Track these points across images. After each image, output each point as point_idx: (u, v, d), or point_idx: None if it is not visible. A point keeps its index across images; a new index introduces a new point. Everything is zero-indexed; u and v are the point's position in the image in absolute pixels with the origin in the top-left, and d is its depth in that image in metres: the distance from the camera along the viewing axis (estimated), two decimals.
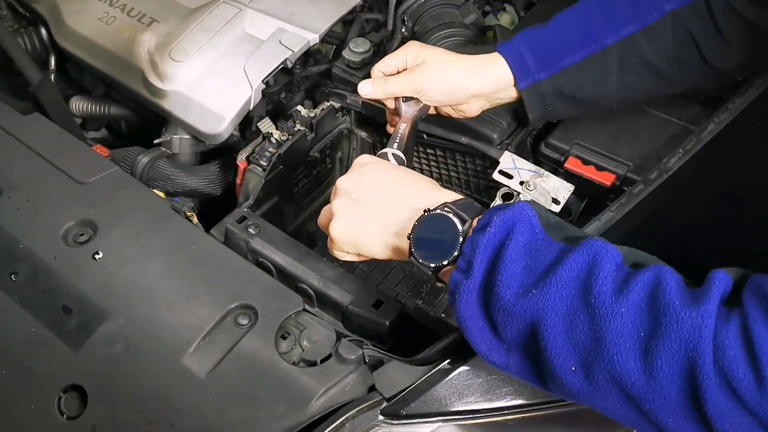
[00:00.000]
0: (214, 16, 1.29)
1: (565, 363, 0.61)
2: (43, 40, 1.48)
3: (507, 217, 0.66)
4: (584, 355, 0.60)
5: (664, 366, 0.55)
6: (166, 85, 1.25)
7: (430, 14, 1.31)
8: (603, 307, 0.58)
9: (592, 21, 0.97)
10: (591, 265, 0.61)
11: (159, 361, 0.89)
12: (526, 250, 0.64)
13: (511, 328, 0.64)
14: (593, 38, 0.96)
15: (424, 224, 0.71)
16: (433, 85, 0.99)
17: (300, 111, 1.26)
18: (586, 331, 0.59)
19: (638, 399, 0.58)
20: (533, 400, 0.81)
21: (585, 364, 0.60)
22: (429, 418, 0.81)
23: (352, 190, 0.79)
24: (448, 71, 0.99)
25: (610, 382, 0.59)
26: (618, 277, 0.60)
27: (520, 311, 0.63)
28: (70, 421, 0.87)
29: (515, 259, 0.64)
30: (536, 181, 1.08)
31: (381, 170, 0.80)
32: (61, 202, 1.06)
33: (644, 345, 0.56)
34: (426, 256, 0.71)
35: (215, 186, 1.30)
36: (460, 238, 0.69)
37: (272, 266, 1.03)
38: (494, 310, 0.65)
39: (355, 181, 0.79)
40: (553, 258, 0.63)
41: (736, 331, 0.53)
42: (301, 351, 0.90)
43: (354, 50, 1.29)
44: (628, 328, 0.57)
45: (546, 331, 0.61)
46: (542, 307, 0.61)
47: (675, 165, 0.93)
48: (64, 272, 0.98)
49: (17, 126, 1.17)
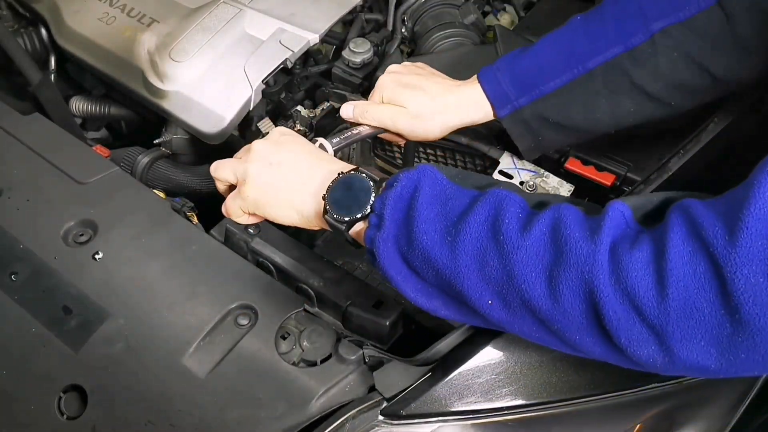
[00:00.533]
0: (214, 16, 1.29)
1: (482, 298, 0.67)
2: (43, 40, 1.48)
3: (411, 174, 0.71)
4: (497, 288, 0.65)
5: (565, 290, 0.61)
6: (166, 85, 1.25)
7: (430, 14, 1.31)
8: (510, 243, 0.64)
9: (574, 43, 0.92)
10: (497, 208, 0.66)
11: (159, 361, 0.89)
12: (436, 200, 0.69)
13: (432, 272, 0.69)
14: (575, 61, 0.91)
15: (339, 184, 0.76)
16: (416, 130, 0.97)
17: (300, 111, 1.26)
18: (497, 266, 0.65)
19: (548, 321, 0.64)
20: (533, 400, 0.81)
21: (500, 295, 0.66)
22: (429, 418, 0.81)
23: (270, 154, 0.82)
24: (429, 119, 0.96)
25: (523, 308, 0.65)
26: (522, 216, 0.66)
27: (438, 256, 0.67)
28: (70, 421, 0.87)
29: (427, 207, 0.69)
30: (536, 181, 1.08)
31: (299, 141, 0.85)
32: (61, 202, 1.06)
33: (548, 273, 0.62)
34: (340, 213, 0.75)
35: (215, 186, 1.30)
36: (372, 193, 0.74)
37: (272, 266, 1.03)
38: (414, 257, 0.69)
39: (275, 147, 0.83)
40: (465, 204, 0.69)
41: (644, 253, 0.58)
42: (301, 351, 0.90)
43: (354, 50, 1.29)
44: (533, 259, 0.63)
45: (461, 272, 0.67)
46: (457, 250, 0.66)
47: (675, 165, 0.93)
48: (64, 272, 0.98)
49: (17, 126, 1.17)
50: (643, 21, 0.88)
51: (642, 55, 0.89)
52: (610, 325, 0.60)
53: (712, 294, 0.55)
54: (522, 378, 0.82)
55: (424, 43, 1.31)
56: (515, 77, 0.94)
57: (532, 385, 0.82)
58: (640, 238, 0.60)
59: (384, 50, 1.34)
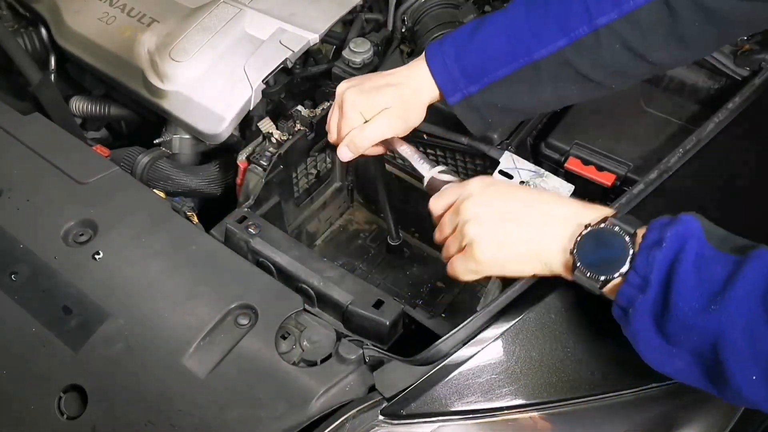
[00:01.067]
0: (214, 16, 1.29)
1: (746, 373, 0.63)
2: (43, 40, 1.48)
3: (678, 231, 0.68)
4: (766, 365, 0.62)
5: None
6: (166, 85, 1.25)
7: (430, 14, 1.31)
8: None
9: (520, 33, 0.93)
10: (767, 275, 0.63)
11: (159, 361, 0.89)
12: (697, 266, 0.66)
13: (688, 341, 0.66)
14: (521, 52, 0.93)
15: (589, 239, 0.72)
16: (410, 122, 1.00)
17: (300, 111, 1.26)
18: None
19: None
20: (533, 400, 0.81)
21: (767, 374, 0.62)
22: (429, 418, 0.81)
23: (488, 212, 0.79)
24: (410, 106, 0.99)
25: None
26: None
27: (700, 326, 0.65)
28: (70, 421, 0.87)
29: (689, 274, 0.66)
30: (536, 181, 1.08)
31: (514, 189, 0.83)
32: (61, 202, 1.06)
33: None
34: (594, 270, 0.72)
35: (215, 186, 1.30)
36: (630, 251, 0.70)
37: (272, 266, 1.03)
38: (670, 324, 0.66)
39: (487, 202, 0.80)
40: (727, 271, 0.65)
41: None
42: (301, 351, 0.90)
43: (354, 50, 1.29)
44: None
45: (727, 344, 0.63)
46: (723, 322, 0.63)
47: (675, 165, 0.93)
48: (64, 272, 0.98)
49: (17, 126, 1.17)
50: (588, 17, 0.90)
51: (585, 48, 0.91)
52: None
53: None
54: (522, 378, 0.82)
55: (424, 43, 1.31)
56: (464, 68, 0.95)
57: (532, 385, 0.82)
58: None
59: (384, 50, 1.34)
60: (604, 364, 0.84)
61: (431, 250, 1.45)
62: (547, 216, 0.77)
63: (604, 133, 1.15)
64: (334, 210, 1.51)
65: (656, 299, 0.67)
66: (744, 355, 0.63)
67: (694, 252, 0.66)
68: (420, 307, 1.35)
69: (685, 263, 0.66)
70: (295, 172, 1.31)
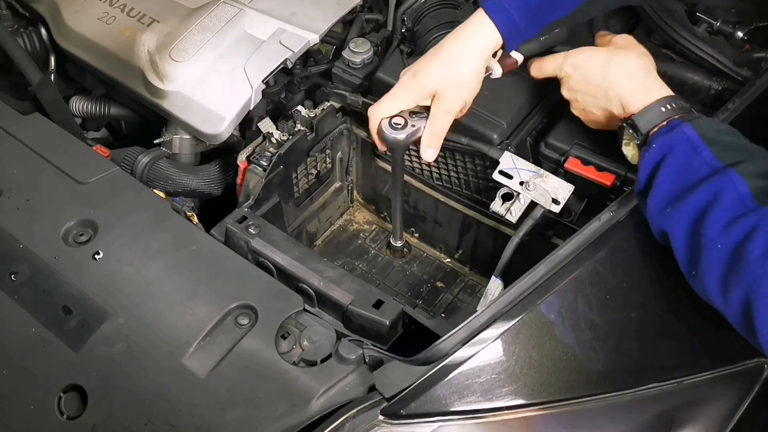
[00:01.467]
0: (214, 16, 1.29)
1: (685, 265, 0.80)
2: (43, 40, 1.48)
3: (666, 141, 0.85)
4: (690, 268, 0.79)
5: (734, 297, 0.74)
6: (167, 85, 1.25)
7: (430, 14, 1.31)
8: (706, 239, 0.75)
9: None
10: (715, 195, 0.77)
11: (159, 361, 0.89)
12: (677, 170, 0.82)
13: (652, 227, 0.85)
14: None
15: (639, 115, 0.91)
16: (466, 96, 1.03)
17: (300, 111, 1.26)
18: (696, 253, 0.77)
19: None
20: (533, 400, 0.81)
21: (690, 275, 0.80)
22: (429, 418, 0.81)
23: (573, 85, 1.00)
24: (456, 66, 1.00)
25: (702, 295, 0.80)
26: (736, 213, 0.75)
27: (656, 223, 0.84)
28: (70, 421, 0.87)
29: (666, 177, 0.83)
30: (536, 181, 1.08)
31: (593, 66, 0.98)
32: (61, 202, 1.06)
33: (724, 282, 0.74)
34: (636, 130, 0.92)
35: (215, 186, 1.30)
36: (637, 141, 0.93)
37: (272, 266, 1.03)
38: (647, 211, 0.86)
39: (572, 78, 1.00)
40: (696, 178, 0.80)
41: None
42: (301, 351, 0.90)
43: (354, 50, 1.29)
44: (716, 265, 0.74)
45: (674, 242, 0.81)
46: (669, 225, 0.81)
47: None
48: (64, 272, 0.98)
49: (17, 126, 1.17)
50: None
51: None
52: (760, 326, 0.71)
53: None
54: (522, 378, 0.82)
55: (424, 43, 1.31)
56: (528, 11, 0.98)
57: (532, 385, 0.82)
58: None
59: (383, 51, 1.34)
60: (603, 364, 0.84)
61: (431, 250, 1.45)
62: (610, 100, 0.96)
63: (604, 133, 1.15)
64: (334, 210, 1.51)
65: (641, 193, 0.87)
66: (683, 252, 0.80)
67: (678, 158, 0.82)
68: (420, 307, 1.35)
69: (664, 168, 0.83)
70: (295, 172, 1.31)
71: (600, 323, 0.85)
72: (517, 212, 1.09)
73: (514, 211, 1.09)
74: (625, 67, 0.94)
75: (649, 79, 0.94)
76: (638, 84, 0.93)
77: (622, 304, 0.88)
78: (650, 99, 0.91)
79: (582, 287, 0.86)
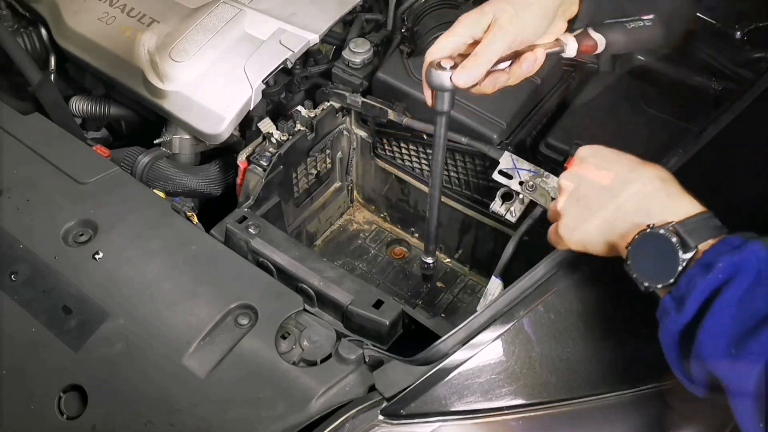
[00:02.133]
0: (214, 16, 1.29)
1: (754, 420, 0.60)
2: (43, 40, 1.48)
3: (734, 261, 0.62)
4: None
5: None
6: (167, 85, 1.25)
7: (430, 14, 1.31)
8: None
9: None
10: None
11: (159, 361, 0.89)
12: (740, 300, 0.61)
13: (701, 373, 0.64)
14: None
15: (645, 241, 0.69)
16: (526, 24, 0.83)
17: (300, 111, 1.26)
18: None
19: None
20: (533, 400, 0.81)
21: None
22: (429, 418, 0.81)
23: (573, 189, 0.78)
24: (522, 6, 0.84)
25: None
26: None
27: (717, 369, 0.62)
28: (70, 421, 0.87)
29: (726, 310, 0.61)
30: (536, 181, 1.08)
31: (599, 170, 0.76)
32: (61, 202, 1.06)
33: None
34: (641, 273, 0.69)
35: (215, 186, 1.30)
36: (679, 267, 0.66)
37: (272, 266, 1.03)
38: (692, 352, 0.64)
39: (576, 179, 0.78)
40: (762, 316, 0.60)
41: None
42: (301, 351, 0.90)
43: (354, 50, 1.29)
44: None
45: (736, 396, 0.61)
46: (738, 369, 0.61)
47: (675, 165, 0.93)
48: (64, 272, 0.98)
49: (17, 126, 1.17)
50: None
51: None
52: None
53: None
54: (522, 378, 0.82)
55: (424, 43, 1.31)
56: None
57: (532, 385, 0.82)
58: None
59: (383, 51, 1.34)
60: (603, 364, 0.84)
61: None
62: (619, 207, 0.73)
63: (604, 133, 1.15)
64: (334, 210, 1.51)
65: (689, 323, 0.64)
66: (751, 409, 0.60)
67: (743, 286, 0.61)
68: (420, 307, 1.35)
69: (726, 295, 0.61)
70: (295, 172, 1.31)
71: (600, 322, 0.85)
72: (517, 212, 1.09)
73: (514, 211, 1.09)
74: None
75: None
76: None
77: (623, 303, 0.88)
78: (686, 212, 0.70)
79: (582, 286, 0.86)
